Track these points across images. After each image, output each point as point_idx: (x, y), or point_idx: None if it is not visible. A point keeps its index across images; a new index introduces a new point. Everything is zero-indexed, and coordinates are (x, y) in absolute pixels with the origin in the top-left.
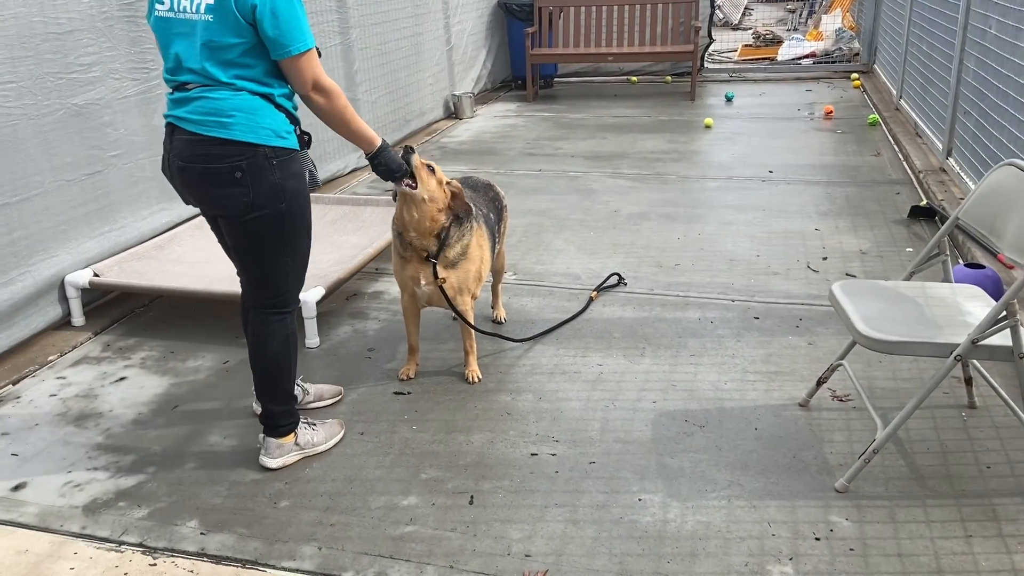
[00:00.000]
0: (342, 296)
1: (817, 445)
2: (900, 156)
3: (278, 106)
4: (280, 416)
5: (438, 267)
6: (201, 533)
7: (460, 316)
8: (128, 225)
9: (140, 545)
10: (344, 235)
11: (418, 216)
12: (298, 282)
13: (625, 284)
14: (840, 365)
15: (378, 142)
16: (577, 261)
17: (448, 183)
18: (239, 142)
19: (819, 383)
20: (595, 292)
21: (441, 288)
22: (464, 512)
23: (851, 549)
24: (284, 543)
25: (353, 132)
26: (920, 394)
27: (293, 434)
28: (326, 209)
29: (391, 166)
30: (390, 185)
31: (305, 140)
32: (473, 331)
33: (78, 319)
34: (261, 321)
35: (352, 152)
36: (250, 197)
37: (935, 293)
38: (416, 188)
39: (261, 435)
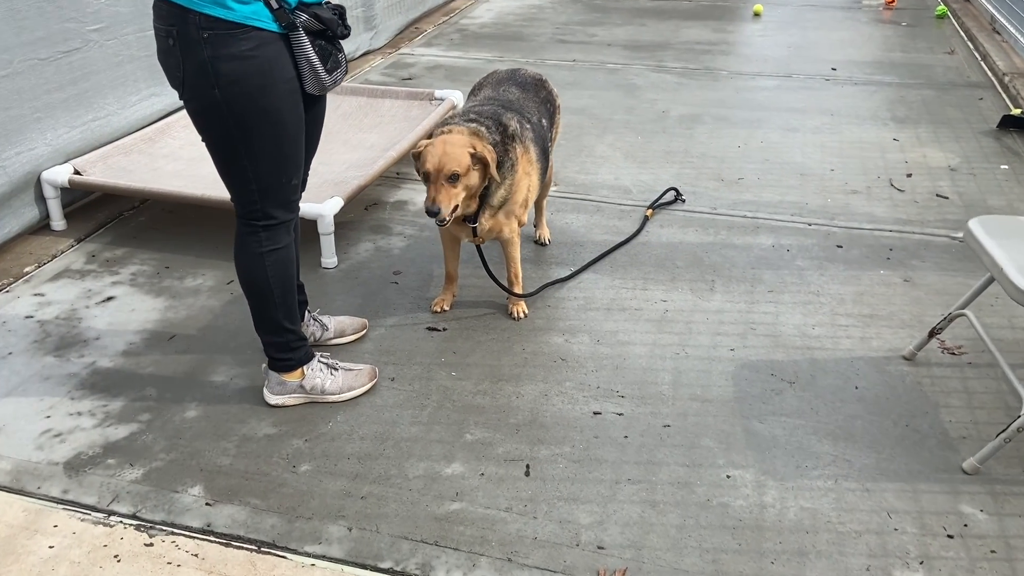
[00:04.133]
0: (360, 205)
1: (932, 411)
2: (977, 55)
3: None
4: (273, 348)
5: (481, 219)
6: (207, 504)
7: (504, 288)
8: (114, 113)
9: (133, 517)
10: (360, 132)
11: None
12: (271, 193)
13: (683, 201)
14: (962, 315)
15: None
16: (625, 171)
17: (472, 152)
18: (172, 3)
19: (931, 335)
20: (650, 210)
21: (479, 251)
22: (520, 486)
23: (992, 551)
24: (307, 520)
25: None
26: None
27: (299, 372)
28: (338, 100)
29: None
30: (407, 72)
31: (295, 22)
32: (518, 257)
33: (58, 223)
34: (237, 232)
35: (363, 32)
36: (182, 73)
37: None
38: (446, 219)
39: (264, 365)
